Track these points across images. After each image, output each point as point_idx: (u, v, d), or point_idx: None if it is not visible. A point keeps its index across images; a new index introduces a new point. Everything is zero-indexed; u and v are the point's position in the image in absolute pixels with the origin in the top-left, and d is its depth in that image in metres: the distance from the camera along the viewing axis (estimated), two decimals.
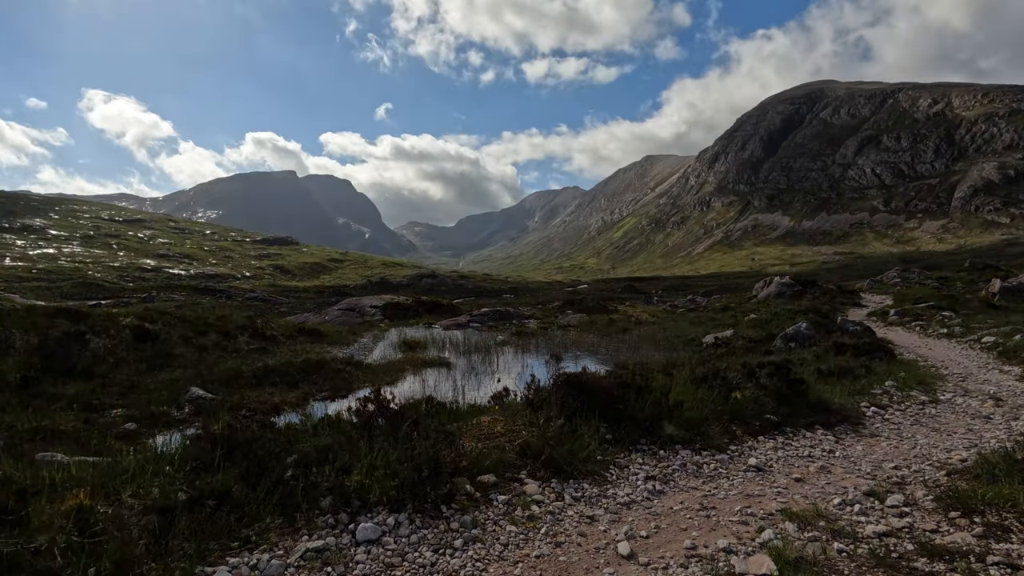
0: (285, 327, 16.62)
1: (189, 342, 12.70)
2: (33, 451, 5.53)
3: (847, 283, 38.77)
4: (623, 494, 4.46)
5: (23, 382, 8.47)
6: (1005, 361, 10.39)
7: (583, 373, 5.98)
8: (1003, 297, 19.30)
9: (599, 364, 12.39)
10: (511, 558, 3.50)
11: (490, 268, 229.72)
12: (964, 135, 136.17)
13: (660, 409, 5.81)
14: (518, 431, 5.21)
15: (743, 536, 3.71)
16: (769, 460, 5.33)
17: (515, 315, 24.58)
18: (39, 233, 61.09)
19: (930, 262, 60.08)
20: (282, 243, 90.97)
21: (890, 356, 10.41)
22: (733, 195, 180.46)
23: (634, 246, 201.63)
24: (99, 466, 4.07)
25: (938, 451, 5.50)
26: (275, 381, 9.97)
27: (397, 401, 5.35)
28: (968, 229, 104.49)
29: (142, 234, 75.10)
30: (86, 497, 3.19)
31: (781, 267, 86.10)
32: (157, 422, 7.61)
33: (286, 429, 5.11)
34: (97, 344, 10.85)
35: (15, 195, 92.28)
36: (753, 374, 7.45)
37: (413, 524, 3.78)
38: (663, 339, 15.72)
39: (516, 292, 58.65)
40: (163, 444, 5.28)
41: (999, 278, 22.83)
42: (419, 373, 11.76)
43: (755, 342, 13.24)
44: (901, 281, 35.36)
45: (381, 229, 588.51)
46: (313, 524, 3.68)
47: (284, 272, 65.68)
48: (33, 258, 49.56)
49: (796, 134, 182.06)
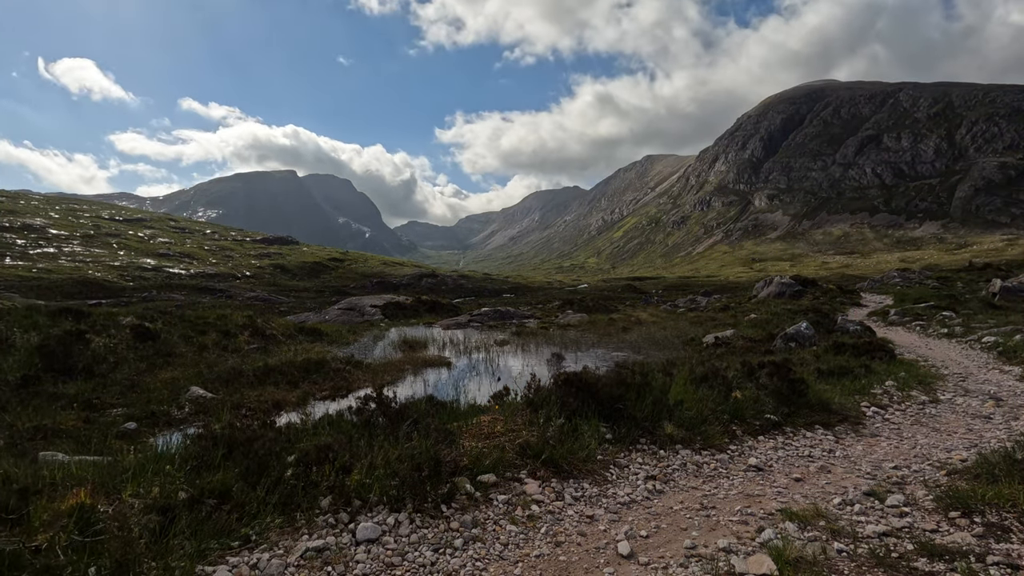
0: (285, 326, 16.62)
1: (189, 341, 12.70)
2: (34, 450, 5.54)
3: (847, 283, 38.77)
4: (623, 494, 4.46)
5: (24, 381, 8.47)
6: (1005, 361, 10.38)
7: (583, 373, 5.98)
8: (1003, 297, 19.30)
9: (599, 364, 12.40)
10: (511, 558, 3.50)
11: (490, 268, 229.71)
12: (964, 135, 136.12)
13: (660, 409, 5.81)
14: (518, 430, 5.21)
15: (743, 536, 3.71)
16: (769, 460, 5.33)
17: (515, 315, 24.58)
18: (39, 232, 61.11)
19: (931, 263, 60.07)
20: (282, 242, 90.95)
21: (890, 356, 10.40)
22: (733, 195, 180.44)
23: (634, 246, 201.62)
24: (100, 465, 4.08)
25: (938, 451, 5.49)
26: (275, 380, 9.96)
27: (397, 400, 5.36)
28: (968, 229, 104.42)
29: (142, 233, 75.12)
30: (87, 496, 3.19)
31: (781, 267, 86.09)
32: (157, 421, 7.61)
33: (286, 428, 5.12)
34: (97, 343, 10.85)
35: (15, 194, 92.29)
36: (753, 374, 7.45)
37: (413, 523, 3.78)
38: (663, 339, 15.72)
39: (516, 292, 58.66)
40: (163, 443, 5.29)
41: (999, 278, 22.84)
42: (419, 373, 11.77)
43: (755, 342, 13.24)
44: (901, 281, 35.37)
45: (381, 228, 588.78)
46: (313, 523, 3.68)
47: (284, 271, 65.67)
48: (33, 257, 49.58)
49: (796, 134, 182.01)
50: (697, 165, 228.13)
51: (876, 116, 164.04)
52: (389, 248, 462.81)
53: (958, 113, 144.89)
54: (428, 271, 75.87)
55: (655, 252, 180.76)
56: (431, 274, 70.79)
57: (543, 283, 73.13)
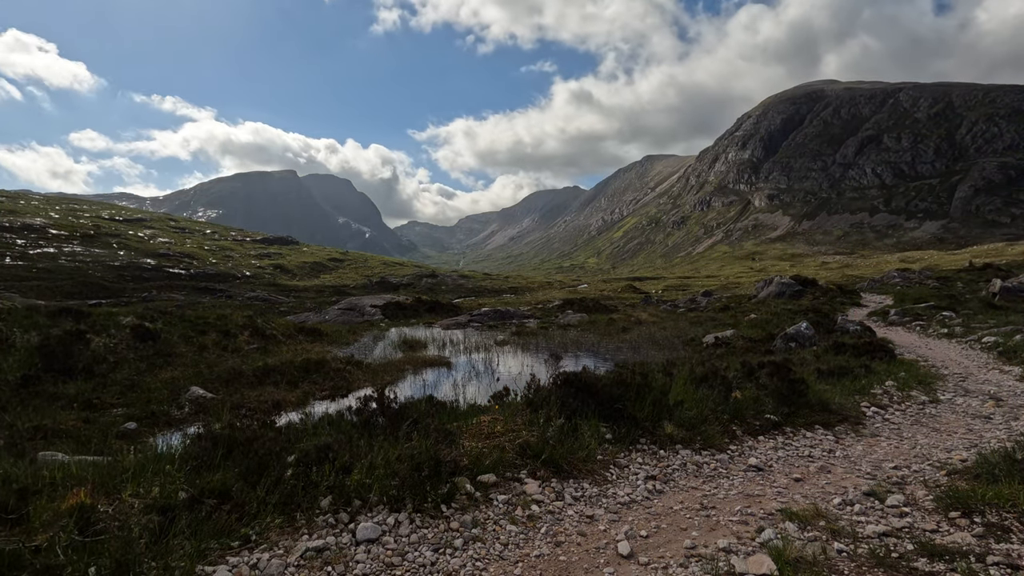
0: (285, 326, 16.62)
1: (189, 341, 12.70)
2: (34, 450, 5.54)
3: (847, 283, 38.77)
4: (623, 494, 4.46)
5: (24, 381, 8.47)
6: (1005, 361, 10.39)
7: (583, 373, 5.98)
8: (1003, 297, 19.30)
9: (599, 363, 12.39)
10: (511, 558, 3.50)
11: (490, 268, 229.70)
12: (965, 135, 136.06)
13: (660, 409, 5.81)
14: (518, 431, 5.21)
15: (743, 536, 3.71)
16: (769, 460, 5.33)
17: (515, 315, 24.57)
18: (39, 232, 61.09)
19: (931, 263, 60.06)
20: (282, 243, 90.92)
21: (890, 356, 10.40)
22: (733, 195, 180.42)
23: (634, 246, 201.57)
24: (99, 465, 4.08)
25: (938, 451, 5.50)
26: (275, 380, 9.97)
27: (397, 400, 5.36)
28: (968, 229, 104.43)
29: (142, 233, 75.09)
30: (87, 496, 3.19)
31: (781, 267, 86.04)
32: (157, 421, 7.61)
33: (286, 428, 5.12)
34: (97, 343, 10.85)
35: (15, 194, 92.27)
36: (753, 374, 7.45)
37: (413, 523, 3.78)
38: (663, 339, 15.71)
39: (516, 292, 58.64)
40: (163, 443, 5.29)
41: (999, 278, 22.83)
42: (419, 372, 11.77)
43: (755, 342, 13.24)
44: (901, 281, 35.37)
45: (381, 229, 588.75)
46: (313, 523, 3.68)
47: (284, 271, 65.66)
48: (33, 257, 49.57)
49: (796, 134, 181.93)
50: (697, 165, 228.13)
51: (876, 116, 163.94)
52: (389, 248, 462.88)
53: (958, 113, 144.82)
54: (428, 271, 75.87)
55: (655, 252, 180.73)
56: (431, 274, 70.77)
57: (543, 283, 73.10)
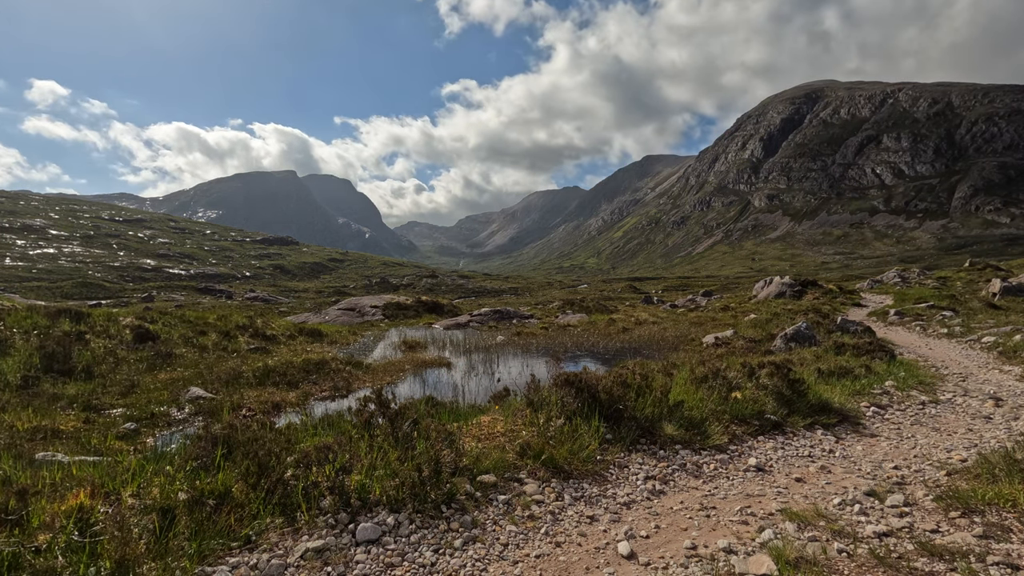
0: (285, 327, 16.62)
1: (189, 342, 12.70)
2: (33, 451, 5.54)
3: (847, 283, 38.78)
4: (623, 494, 4.46)
5: (23, 382, 8.47)
6: (1005, 361, 10.39)
7: (583, 373, 5.98)
8: (1003, 297, 19.29)
9: (599, 364, 12.40)
10: (511, 558, 3.50)
11: (490, 268, 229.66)
12: (964, 135, 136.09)
13: (660, 409, 5.81)
14: (518, 431, 5.21)
15: (743, 536, 3.71)
16: (769, 460, 5.33)
17: (515, 315, 24.58)
18: (39, 233, 61.04)
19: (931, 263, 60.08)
20: (282, 243, 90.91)
21: (890, 356, 10.41)
22: (733, 195, 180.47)
23: (634, 246, 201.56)
24: (99, 466, 4.08)
25: (938, 451, 5.49)
26: (275, 381, 9.97)
27: (397, 401, 5.36)
28: (968, 229, 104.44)
29: (142, 234, 75.05)
30: (86, 497, 3.19)
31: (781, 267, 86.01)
32: (157, 422, 7.61)
33: (286, 429, 5.12)
34: (97, 344, 10.85)
35: (15, 195, 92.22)
36: (753, 374, 7.44)
37: (413, 524, 3.78)
38: (663, 339, 15.72)
39: (516, 292, 58.61)
40: (163, 444, 5.28)
41: (999, 278, 22.83)
42: (419, 373, 11.76)
43: (755, 342, 13.24)
44: (901, 281, 35.37)
45: (381, 229, 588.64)
46: (313, 524, 3.68)
47: (284, 272, 65.64)
48: (33, 258, 49.52)
49: (796, 134, 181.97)
50: (697, 165, 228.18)
51: (876, 116, 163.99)
52: (389, 248, 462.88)
53: (958, 113, 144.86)
54: (428, 271, 75.87)
55: (655, 252, 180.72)
56: (431, 274, 70.75)
57: (543, 283, 73.07)
